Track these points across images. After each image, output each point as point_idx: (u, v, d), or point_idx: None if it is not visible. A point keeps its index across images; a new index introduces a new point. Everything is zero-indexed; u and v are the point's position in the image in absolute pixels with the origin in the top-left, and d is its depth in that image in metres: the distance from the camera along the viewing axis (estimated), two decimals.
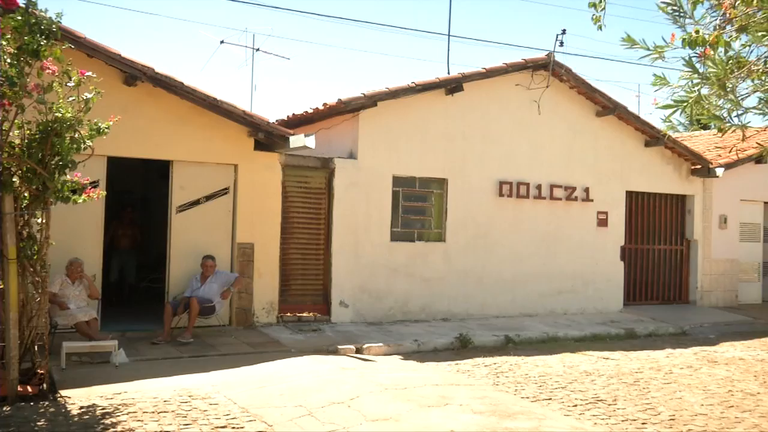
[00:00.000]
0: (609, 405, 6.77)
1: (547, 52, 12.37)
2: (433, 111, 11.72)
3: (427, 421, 5.83)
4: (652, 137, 13.71)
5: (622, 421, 6.26)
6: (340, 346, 9.01)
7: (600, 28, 4.62)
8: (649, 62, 4.27)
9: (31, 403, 6.12)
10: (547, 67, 12.33)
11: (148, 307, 10.90)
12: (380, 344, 9.27)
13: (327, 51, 45.76)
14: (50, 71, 6.12)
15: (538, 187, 12.64)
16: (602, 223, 13.35)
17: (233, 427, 5.55)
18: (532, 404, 6.66)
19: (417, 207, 11.78)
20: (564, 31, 12.52)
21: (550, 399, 6.92)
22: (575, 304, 12.98)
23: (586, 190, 13.14)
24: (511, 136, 12.43)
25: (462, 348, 9.66)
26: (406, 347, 9.39)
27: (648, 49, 4.27)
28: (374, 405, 6.21)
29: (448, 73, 12.49)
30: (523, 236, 12.51)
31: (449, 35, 14.09)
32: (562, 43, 12.48)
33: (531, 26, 45.76)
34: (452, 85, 11.63)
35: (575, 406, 6.69)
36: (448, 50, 23.45)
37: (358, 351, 9.02)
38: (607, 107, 13.12)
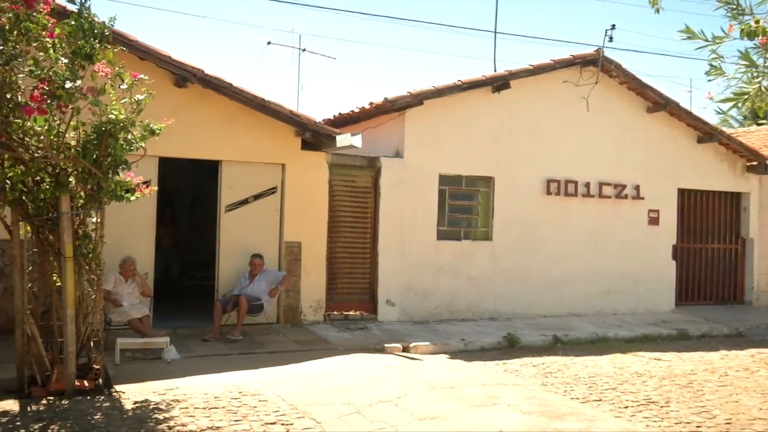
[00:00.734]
0: (661, 407, 6.63)
1: (596, 48, 12.17)
2: (479, 109, 11.65)
3: (475, 420, 5.79)
4: (706, 133, 13.38)
5: (676, 423, 6.12)
6: (386, 345, 9.03)
7: (657, 11, 4.51)
8: (707, 56, 4.14)
9: (88, 397, 6.28)
10: (596, 63, 12.13)
11: (198, 304, 11.08)
12: (427, 343, 9.25)
13: (373, 50, 45.94)
14: (103, 74, 6.26)
15: (587, 185, 12.45)
16: (653, 221, 13.08)
17: (283, 424, 5.61)
18: (581, 405, 6.56)
19: (463, 205, 11.72)
20: (613, 26, 12.33)
21: (600, 400, 6.81)
22: (625, 303, 12.75)
23: (637, 187, 12.89)
24: (558, 134, 12.27)
25: (509, 347, 9.58)
26: (453, 346, 9.36)
27: (706, 40, 4.16)
28: (422, 404, 6.20)
29: (495, 70, 12.39)
30: (571, 235, 12.34)
31: (495, 32, 13.96)
32: (611, 39, 12.29)
33: (579, 22, 45.13)
34: (499, 83, 11.54)
35: (626, 407, 6.57)
36: (495, 47, 23.17)
37: (405, 350, 9.02)
38: (658, 103, 12.85)
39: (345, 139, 9.80)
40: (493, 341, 9.69)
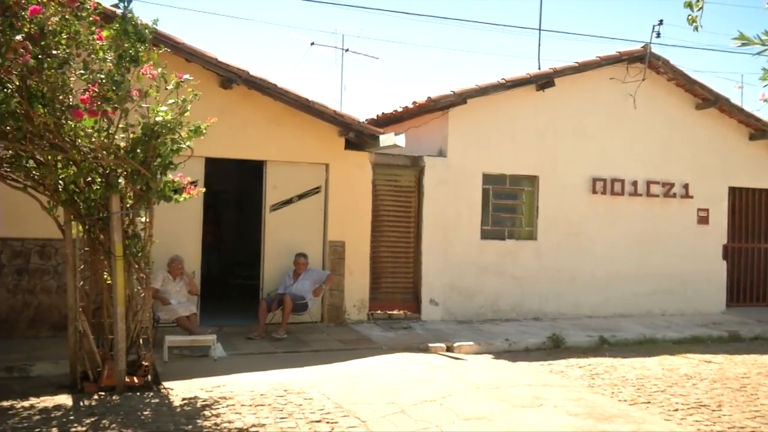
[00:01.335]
0: (713, 411, 6.46)
1: (643, 44, 11.94)
2: (523, 107, 11.54)
3: (520, 421, 5.74)
4: (758, 130, 13.00)
5: (729, 428, 5.96)
6: (430, 344, 9.01)
7: (696, 29, 4.40)
8: (766, 62, 4.04)
9: (137, 394, 6.41)
10: (643, 59, 11.91)
11: (243, 303, 11.22)
12: (471, 343, 9.20)
13: (415, 49, 45.83)
14: (149, 76, 6.36)
15: (634, 183, 12.23)
16: (703, 220, 12.78)
17: (328, 422, 5.63)
18: (630, 407, 6.44)
19: (507, 205, 11.63)
20: (661, 22, 12.09)
21: (648, 402, 6.67)
22: (673, 304, 12.48)
23: (685, 186, 12.61)
24: (604, 132, 12.08)
25: (554, 348, 9.46)
26: (497, 346, 9.29)
27: (763, 44, 4.03)
28: (466, 404, 6.16)
29: (539, 68, 12.26)
30: (617, 234, 12.14)
31: (540, 30, 13.77)
32: (659, 34, 12.04)
33: (625, 18, 44.31)
34: (543, 81, 11.41)
35: (676, 410, 6.42)
36: (539, 45, 22.74)
37: (449, 349, 8.99)
38: (707, 99, 12.54)
39: (388, 139, 9.80)
40: (537, 342, 9.59)
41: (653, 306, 12.33)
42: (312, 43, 19.76)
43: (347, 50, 17.00)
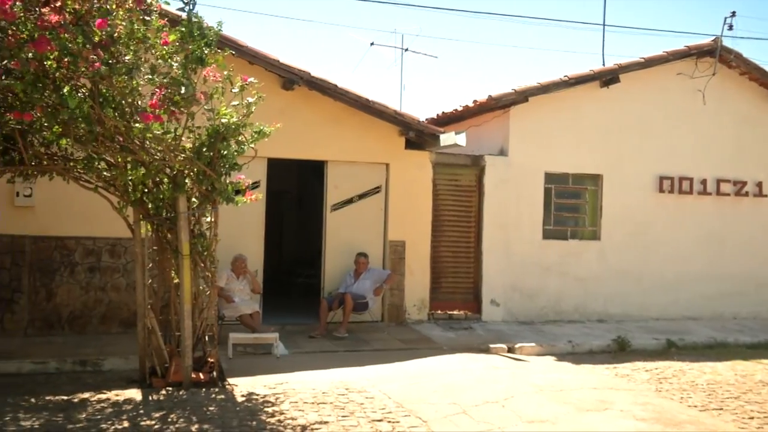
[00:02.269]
0: None
1: (713, 37, 11.55)
2: (586, 104, 11.32)
3: (585, 425, 5.62)
4: None
5: None
6: (491, 345, 8.92)
7: None
8: None
9: (203, 389, 6.55)
10: (714, 53, 11.52)
11: (304, 301, 11.35)
12: (533, 344, 9.07)
13: (475, 48, 45.48)
14: (214, 78, 6.48)
15: (703, 182, 11.84)
16: None
17: (389, 421, 5.64)
18: (700, 414, 6.23)
19: (570, 204, 11.43)
20: (733, 14, 11.76)
21: (720, 409, 6.43)
22: (746, 307, 12.02)
23: (759, 184, 12.14)
24: (672, 129, 11.73)
25: (619, 351, 9.23)
26: (560, 348, 9.13)
27: None
28: (529, 406, 6.08)
29: (603, 64, 11.99)
30: (686, 234, 11.77)
31: (604, 25, 13.57)
32: (731, 27, 11.67)
33: (694, 11, 42.96)
34: (608, 77, 11.17)
35: (751, 418, 6.17)
36: (603, 40, 22.33)
37: (510, 350, 8.88)
38: None
39: (449, 138, 9.76)
40: (602, 344, 9.38)
41: (724, 309, 11.90)
42: (371, 43, 19.81)
43: (407, 50, 16.96)
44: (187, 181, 6.67)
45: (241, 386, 6.71)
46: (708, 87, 11.65)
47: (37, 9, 5.24)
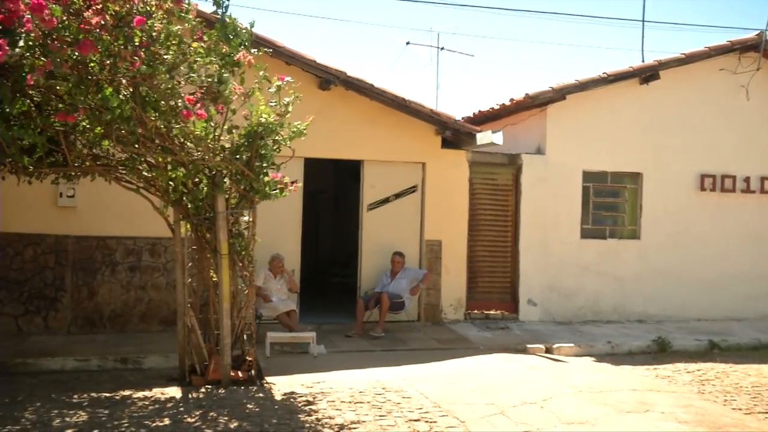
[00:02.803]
0: None
1: (757, 32, 11.29)
2: (625, 102, 11.16)
3: (626, 427, 5.54)
4: None
5: None
6: (529, 345, 8.85)
7: None
8: None
9: (242, 388, 6.61)
10: (758, 47, 11.26)
11: (341, 301, 11.39)
12: (571, 345, 8.97)
13: (511, 45, 45.15)
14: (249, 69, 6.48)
15: (746, 179, 11.58)
16: None
17: (426, 421, 5.63)
18: (745, 417, 6.09)
19: (608, 203, 11.28)
20: None
21: (767, 413, 6.29)
22: None
23: None
24: (713, 126, 11.50)
25: (660, 352, 9.08)
26: (599, 349, 9.01)
27: None
28: (568, 407, 6.01)
29: (643, 61, 11.81)
30: (728, 233, 11.53)
31: (643, 21, 13.33)
32: None
33: (736, 5, 42.03)
34: (647, 74, 11.00)
35: None
36: (643, 37, 21.78)
37: (548, 351, 8.79)
38: None
39: (485, 137, 9.71)
40: (641, 345, 9.23)
41: None
42: (407, 43, 19.77)
43: (442, 48, 16.91)
44: (225, 180, 6.75)
45: (278, 385, 6.76)
46: (752, 83, 11.40)
47: (80, 15, 5.32)
